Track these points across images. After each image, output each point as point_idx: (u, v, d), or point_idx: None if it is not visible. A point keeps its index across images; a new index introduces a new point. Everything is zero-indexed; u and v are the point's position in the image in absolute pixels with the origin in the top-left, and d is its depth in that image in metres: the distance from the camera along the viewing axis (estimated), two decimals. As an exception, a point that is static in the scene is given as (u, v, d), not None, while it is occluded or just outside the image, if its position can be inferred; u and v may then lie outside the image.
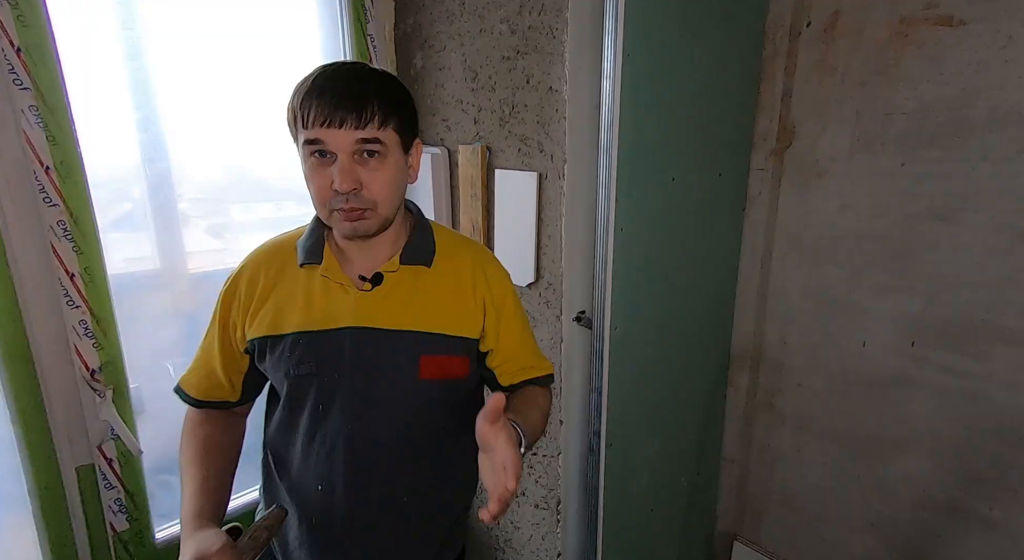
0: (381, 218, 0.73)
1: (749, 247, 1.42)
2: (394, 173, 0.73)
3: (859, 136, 1.19)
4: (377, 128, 0.69)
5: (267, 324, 0.77)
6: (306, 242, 0.79)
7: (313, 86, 0.68)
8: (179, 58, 1.11)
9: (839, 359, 1.31)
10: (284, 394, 0.79)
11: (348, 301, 0.76)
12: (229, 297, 0.80)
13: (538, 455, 1.34)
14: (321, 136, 0.67)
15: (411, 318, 0.78)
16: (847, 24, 1.17)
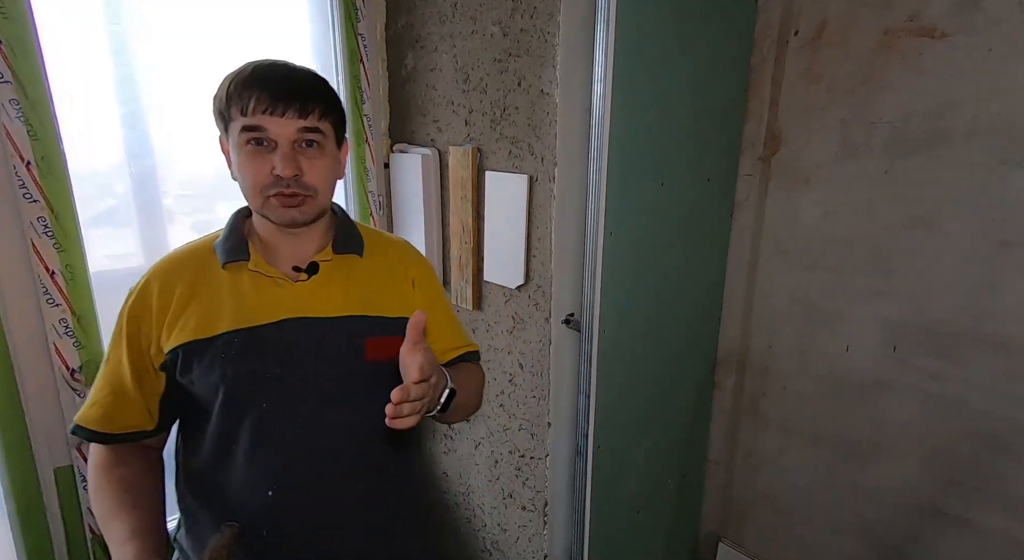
0: (319, 207, 0.75)
1: (737, 252, 1.44)
2: (331, 163, 0.76)
3: (844, 143, 1.21)
4: (318, 119, 0.72)
5: (191, 329, 0.73)
6: (226, 242, 0.77)
7: (254, 76, 0.70)
8: (166, 55, 1.09)
9: (823, 363, 1.33)
10: (220, 401, 0.73)
11: (283, 293, 0.76)
12: (137, 312, 0.74)
13: (526, 457, 1.34)
14: (263, 124, 0.69)
15: (351, 304, 0.79)
16: (833, 33, 1.19)
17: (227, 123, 0.72)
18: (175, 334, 0.73)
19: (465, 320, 1.39)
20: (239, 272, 0.76)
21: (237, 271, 0.76)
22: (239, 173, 0.73)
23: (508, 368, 1.32)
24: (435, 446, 1.59)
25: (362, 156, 1.40)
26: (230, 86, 0.70)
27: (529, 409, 1.30)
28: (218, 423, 0.75)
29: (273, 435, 0.75)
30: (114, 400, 0.74)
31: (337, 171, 0.78)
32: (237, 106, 0.69)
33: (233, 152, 0.72)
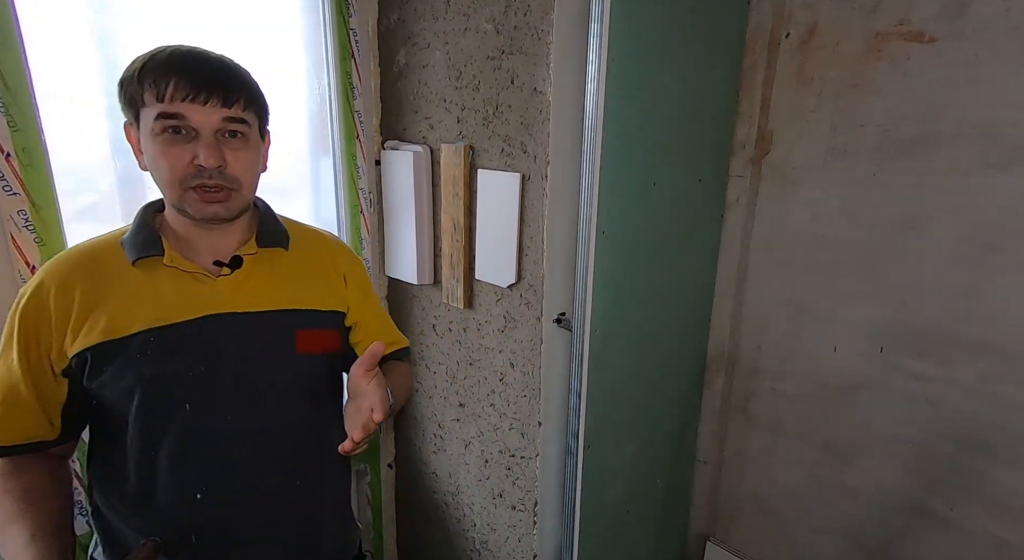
0: (243, 201, 0.73)
1: (727, 253, 1.45)
2: (256, 156, 0.74)
3: (833, 146, 1.22)
4: (243, 109, 0.69)
5: (100, 330, 0.68)
6: (136, 237, 0.72)
7: (172, 59, 0.66)
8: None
9: (811, 364, 1.34)
10: (136, 405, 0.70)
11: (203, 289, 0.73)
12: (32, 316, 0.68)
13: (516, 457, 1.33)
14: (183, 111, 0.65)
15: (278, 298, 0.77)
16: (824, 37, 1.20)
17: (137, 109, 0.67)
18: (81, 337, 0.68)
19: (456, 319, 1.39)
20: (152, 268, 0.71)
21: (150, 267, 0.71)
22: (153, 164, 0.68)
23: (499, 367, 1.32)
24: (424, 446, 1.58)
25: (353, 153, 1.38)
26: (142, 69, 0.65)
27: (520, 408, 1.29)
28: (137, 428, 0.71)
29: (200, 436, 0.72)
30: (7, 410, 0.68)
31: (260, 164, 0.77)
32: (152, 91, 0.65)
33: (145, 141, 0.67)
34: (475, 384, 1.39)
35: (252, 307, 0.75)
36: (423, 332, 1.49)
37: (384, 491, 1.70)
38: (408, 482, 1.68)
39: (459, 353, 1.41)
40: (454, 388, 1.45)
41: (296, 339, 0.78)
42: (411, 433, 1.62)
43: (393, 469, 1.72)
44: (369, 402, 0.68)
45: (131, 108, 0.68)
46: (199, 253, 0.75)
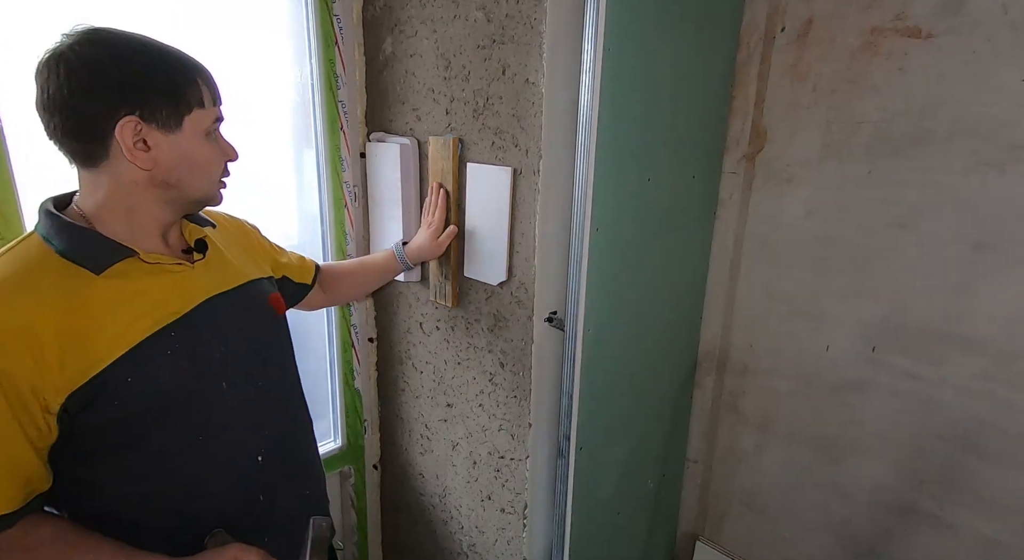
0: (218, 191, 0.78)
1: (719, 250, 1.43)
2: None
3: (828, 143, 1.21)
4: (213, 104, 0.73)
5: (102, 352, 0.64)
6: (84, 246, 0.65)
7: (188, 61, 0.69)
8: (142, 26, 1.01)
9: (802, 362, 1.33)
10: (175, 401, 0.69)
11: (185, 278, 0.74)
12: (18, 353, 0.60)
13: (505, 458, 1.30)
14: (220, 113, 0.73)
15: (241, 271, 0.84)
16: (820, 31, 1.18)
17: (187, 110, 0.68)
18: (80, 369, 0.62)
19: (444, 317, 1.35)
20: (123, 272, 0.67)
21: (120, 271, 0.67)
22: (200, 163, 0.71)
23: (489, 367, 1.28)
24: (411, 447, 1.54)
25: (337, 145, 1.33)
26: (175, 71, 0.68)
27: (510, 409, 1.26)
28: (177, 422, 0.71)
29: (244, 407, 0.78)
30: (5, 471, 0.62)
31: None
32: (208, 93, 0.70)
33: (189, 142, 0.69)
34: (463, 384, 1.35)
35: (230, 284, 0.80)
36: (410, 330, 1.45)
37: (369, 493, 1.66)
38: (394, 484, 1.64)
39: (447, 352, 1.37)
40: (442, 388, 1.41)
41: (271, 304, 0.86)
42: (397, 434, 1.58)
43: (379, 470, 1.68)
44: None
45: (174, 107, 0.67)
46: (159, 246, 0.74)
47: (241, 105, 1.19)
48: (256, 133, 1.25)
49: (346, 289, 1.20)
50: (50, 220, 0.66)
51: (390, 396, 1.57)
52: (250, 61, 1.19)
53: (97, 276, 0.65)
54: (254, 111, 1.22)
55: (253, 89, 1.21)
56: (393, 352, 1.52)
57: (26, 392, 0.61)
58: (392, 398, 1.56)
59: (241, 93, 1.18)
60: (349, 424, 1.54)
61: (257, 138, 1.25)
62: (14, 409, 0.61)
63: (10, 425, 0.61)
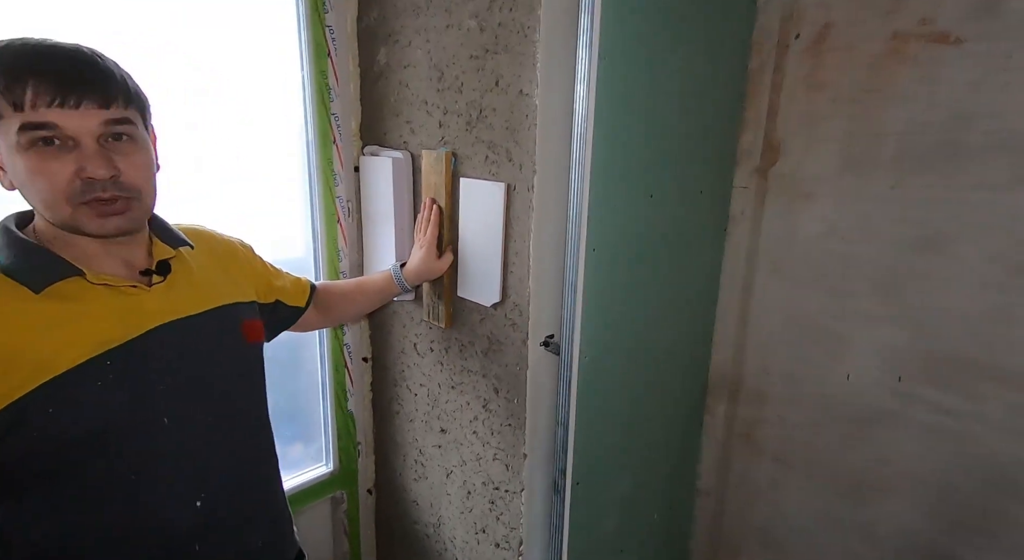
0: (145, 209, 0.67)
1: (730, 270, 1.34)
2: (146, 158, 0.66)
3: (848, 156, 1.12)
4: (124, 107, 0.61)
5: (27, 375, 0.59)
6: (29, 262, 0.62)
7: (23, 58, 0.56)
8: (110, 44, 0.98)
9: (821, 391, 1.24)
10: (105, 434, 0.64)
11: (137, 302, 0.68)
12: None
13: (500, 490, 1.23)
14: (53, 120, 0.57)
15: (212, 295, 0.77)
16: (838, 38, 1.10)
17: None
18: (18, 380, 0.59)
19: (438, 338, 1.29)
20: (68, 292, 0.63)
21: (63, 292, 0.63)
22: (27, 182, 0.59)
23: (482, 392, 1.21)
24: (405, 471, 1.48)
25: (329, 158, 1.29)
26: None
27: (504, 438, 1.19)
28: (106, 458, 0.65)
29: (187, 445, 0.72)
30: None
31: (152, 160, 0.68)
32: (6, 99, 0.55)
33: (10, 156, 0.58)
34: (458, 409, 1.29)
35: (193, 309, 0.74)
36: (404, 350, 1.39)
37: (363, 518, 1.60)
38: (388, 510, 1.58)
39: (441, 375, 1.31)
40: (436, 412, 1.35)
41: (243, 330, 0.80)
42: (392, 457, 1.51)
43: (373, 495, 1.61)
44: None
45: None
46: (114, 266, 0.68)
47: (230, 117, 1.16)
48: (246, 146, 1.21)
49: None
50: (3, 236, 0.64)
51: (385, 419, 1.51)
52: (240, 72, 1.16)
53: (36, 295, 0.61)
54: (244, 123, 1.19)
55: (243, 101, 1.18)
56: (387, 373, 1.46)
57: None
58: (387, 421, 1.50)
59: (230, 104, 1.15)
60: (341, 447, 1.49)
61: (247, 151, 1.22)
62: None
63: None
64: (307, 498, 1.43)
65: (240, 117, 1.18)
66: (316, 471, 1.46)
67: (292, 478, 1.42)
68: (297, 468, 1.44)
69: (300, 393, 1.44)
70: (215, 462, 0.75)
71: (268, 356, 0.89)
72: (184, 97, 1.08)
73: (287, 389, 1.41)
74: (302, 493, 1.42)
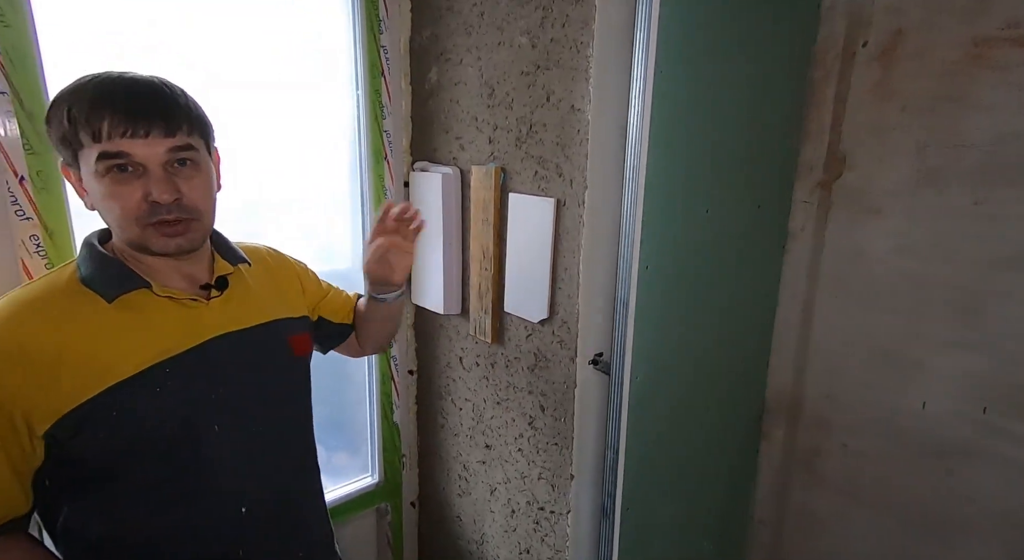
0: (204, 229, 0.71)
1: (789, 288, 1.28)
2: (209, 180, 0.70)
3: (923, 169, 1.05)
4: (188, 134, 0.66)
5: (94, 379, 0.63)
6: (105, 274, 0.67)
7: (101, 93, 0.61)
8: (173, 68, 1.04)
9: (894, 420, 1.15)
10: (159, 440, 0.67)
11: (197, 314, 0.72)
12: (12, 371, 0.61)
13: (545, 510, 1.20)
14: (125, 149, 0.62)
15: (264, 310, 0.80)
16: (911, 45, 1.04)
17: (75, 150, 0.63)
18: (68, 392, 0.62)
19: (484, 353, 1.28)
20: (136, 302, 0.68)
21: (132, 302, 0.67)
22: (104, 204, 0.64)
23: (528, 409, 1.20)
24: (449, 486, 1.47)
25: (381, 174, 1.32)
26: (71, 109, 0.61)
27: (550, 457, 1.17)
28: (160, 462, 0.68)
29: (235, 453, 0.74)
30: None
31: (213, 183, 0.73)
32: (87, 131, 0.61)
33: (90, 181, 0.64)
34: (503, 425, 1.27)
35: (246, 322, 0.77)
36: (450, 364, 1.39)
37: (406, 531, 1.60)
38: (431, 524, 1.57)
39: (486, 390, 1.30)
40: (480, 428, 1.34)
41: (291, 344, 0.83)
42: (435, 471, 1.51)
43: (416, 508, 1.61)
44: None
45: (66, 149, 0.64)
46: (178, 280, 0.73)
47: (287, 136, 1.20)
48: (301, 162, 1.25)
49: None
50: (85, 249, 0.70)
51: (429, 432, 1.51)
52: (298, 93, 1.20)
53: (109, 304, 0.66)
54: (300, 142, 1.23)
55: (299, 120, 1.22)
56: (432, 387, 1.46)
57: (15, 413, 0.61)
58: (431, 434, 1.50)
59: (287, 124, 1.20)
60: (387, 459, 1.50)
61: (302, 167, 1.26)
62: (4, 442, 0.61)
63: (1, 465, 0.61)
64: (353, 508, 1.45)
65: (296, 136, 1.22)
66: (362, 482, 1.48)
67: (338, 488, 1.44)
68: (343, 478, 1.46)
69: (348, 404, 1.47)
70: (261, 471, 0.77)
71: (318, 367, 0.91)
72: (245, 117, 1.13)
73: (336, 400, 1.44)
74: (348, 503, 1.43)
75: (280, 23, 1.15)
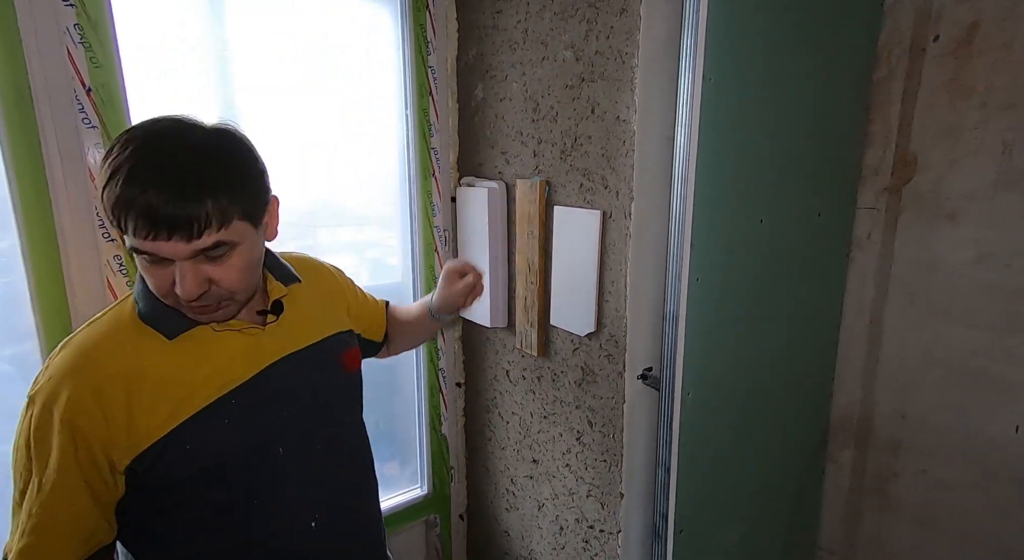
0: (241, 303, 0.70)
1: (855, 300, 1.20)
2: (247, 258, 0.66)
3: (1007, 170, 0.96)
4: (216, 231, 0.60)
5: (168, 414, 0.65)
6: (160, 312, 0.67)
7: (127, 187, 0.57)
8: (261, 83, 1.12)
9: (980, 444, 1.05)
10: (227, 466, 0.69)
11: (256, 341, 0.74)
12: (73, 421, 0.62)
13: (595, 529, 1.17)
14: (150, 249, 0.59)
15: (316, 328, 0.82)
16: (990, 37, 0.96)
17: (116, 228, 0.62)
18: (143, 430, 0.64)
19: (530, 366, 1.27)
20: (197, 337, 0.69)
21: (193, 337, 0.69)
22: (143, 275, 0.64)
23: (576, 424, 1.18)
24: (497, 500, 1.46)
25: (428, 190, 1.35)
26: (107, 189, 0.58)
27: (599, 474, 1.14)
28: (232, 486, 0.71)
29: (302, 471, 0.76)
30: (72, 526, 0.64)
31: (259, 252, 0.69)
32: (120, 223, 0.59)
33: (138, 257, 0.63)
34: (549, 440, 1.26)
35: (301, 343, 0.79)
36: (496, 377, 1.39)
37: (455, 544, 1.60)
38: (480, 538, 1.57)
39: (533, 404, 1.29)
40: (527, 442, 1.33)
41: (344, 361, 0.84)
42: (483, 485, 1.51)
43: (465, 521, 1.61)
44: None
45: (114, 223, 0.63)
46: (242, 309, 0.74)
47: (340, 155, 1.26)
48: (354, 181, 1.30)
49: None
50: (141, 283, 0.69)
51: (477, 445, 1.51)
52: (350, 113, 1.26)
53: (169, 341, 0.68)
54: (351, 162, 1.28)
55: (351, 139, 1.27)
56: (480, 399, 1.47)
57: (97, 451, 0.63)
58: (479, 448, 1.51)
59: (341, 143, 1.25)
60: (435, 471, 1.51)
61: (354, 186, 1.31)
62: (83, 467, 0.63)
63: (78, 483, 0.63)
64: (403, 519, 1.47)
65: (349, 155, 1.27)
66: (412, 493, 1.49)
67: (389, 499, 1.46)
68: (394, 488, 1.49)
69: (397, 416, 1.49)
70: (327, 485, 0.79)
71: (369, 378, 0.92)
72: (303, 137, 1.19)
73: (386, 411, 1.47)
74: (398, 514, 1.45)
75: (333, 50, 1.21)
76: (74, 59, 0.90)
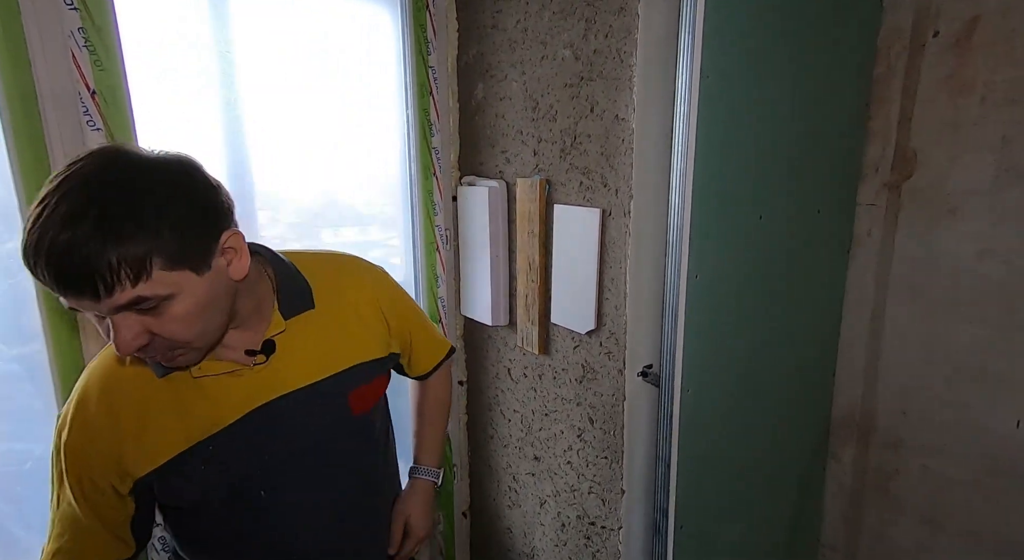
0: (203, 348, 0.61)
1: (855, 296, 1.20)
2: (191, 307, 0.56)
3: (1007, 166, 0.96)
4: (133, 286, 0.51)
5: (158, 452, 0.65)
6: None
7: (27, 241, 0.50)
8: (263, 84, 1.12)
9: (982, 440, 1.05)
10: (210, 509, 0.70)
11: (244, 382, 0.67)
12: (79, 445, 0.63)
13: (596, 525, 1.18)
14: (72, 306, 0.53)
15: (320, 366, 0.73)
16: (990, 32, 0.96)
17: None
18: (143, 458, 0.65)
19: (531, 364, 1.28)
20: (185, 378, 0.66)
21: (181, 378, 0.65)
22: None
23: (577, 421, 1.18)
24: (499, 497, 1.47)
25: (429, 189, 1.36)
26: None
27: (600, 471, 1.14)
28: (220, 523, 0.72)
29: (289, 512, 0.73)
30: (81, 545, 0.66)
31: (217, 294, 0.59)
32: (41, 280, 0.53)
33: None
34: (551, 437, 1.26)
35: (297, 384, 0.71)
36: (498, 375, 1.40)
37: (458, 542, 1.61)
38: (483, 535, 1.58)
39: (534, 402, 1.29)
40: (529, 439, 1.33)
41: (349, 403, 0.75)
42: (486, 482, 1.52)
43: (468, 518, 1.62)
44: None
45: None
46: (227, 348, 0.67)
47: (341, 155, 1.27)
48: (355, 181, 1.31)
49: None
50: None
51: (479, 442, 1.52)
52: (350, 113, 1.27)
53: (159, 379, 0.65)
54: (352, 160, 1.29)
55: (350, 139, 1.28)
56: (482, 397, 1.48)
57: (98, 477, 0.65)
58: (481, 445, 1.51)
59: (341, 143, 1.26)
60: (438, 468, 1.52)
61: (355, 186, 1.32)
62: (86, 491, 0.65)
63: (83, 506, 0.66)
64: (406, 516, 1.48)
65: (349, 155, 1.28)
66: (414, 490, 1.50)
67: (392, 496, 1.47)
68: (397, 486, 1.50)
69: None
70: (320, 529, 0.76)
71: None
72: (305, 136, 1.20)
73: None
74: (401, 511, 1.46)
75: (334, 50, 1.22)
76: (79, 62, 0.91)
